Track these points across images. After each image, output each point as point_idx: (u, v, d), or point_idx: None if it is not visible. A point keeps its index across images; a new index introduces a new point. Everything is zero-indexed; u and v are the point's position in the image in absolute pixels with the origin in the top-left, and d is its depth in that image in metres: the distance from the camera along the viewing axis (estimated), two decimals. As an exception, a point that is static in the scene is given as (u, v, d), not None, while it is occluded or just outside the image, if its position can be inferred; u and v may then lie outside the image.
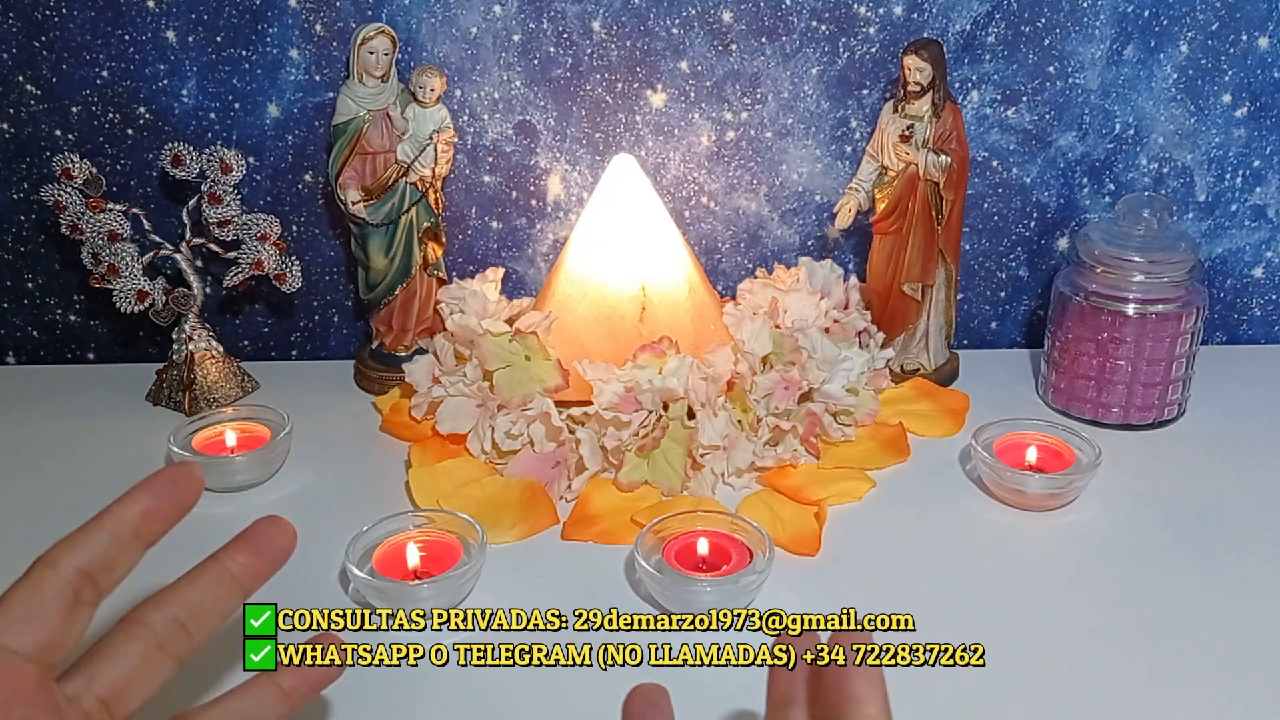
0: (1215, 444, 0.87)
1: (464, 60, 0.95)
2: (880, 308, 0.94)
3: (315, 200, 1.00)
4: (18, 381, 1.01)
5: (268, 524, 0.47)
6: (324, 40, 0.94)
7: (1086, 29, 0.94)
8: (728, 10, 0.93)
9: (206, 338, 0.94)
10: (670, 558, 0.70)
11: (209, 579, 0.44)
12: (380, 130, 0.89)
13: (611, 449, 0.80)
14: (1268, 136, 0.98)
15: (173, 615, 0.43)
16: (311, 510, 0.80)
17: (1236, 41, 0.95)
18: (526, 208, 1.00)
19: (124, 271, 0.90)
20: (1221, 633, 0.66)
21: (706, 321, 0.87)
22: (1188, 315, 0.87)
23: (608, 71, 0.95)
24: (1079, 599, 0.69)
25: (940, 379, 0.96)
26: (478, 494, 0.79)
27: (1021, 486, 0.78)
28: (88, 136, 0.97)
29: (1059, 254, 1.03)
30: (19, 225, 1.00)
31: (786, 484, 0.81)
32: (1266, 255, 1.03)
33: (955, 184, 0.89)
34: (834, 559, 0.73)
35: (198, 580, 0.44)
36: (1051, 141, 0.98)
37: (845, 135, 0.98)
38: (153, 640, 0.42)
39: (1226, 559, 0.73)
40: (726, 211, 1.01)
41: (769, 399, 0.83)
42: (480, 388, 0.83)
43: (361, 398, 0.96)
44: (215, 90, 0.95)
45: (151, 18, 0.93)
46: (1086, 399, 0.90)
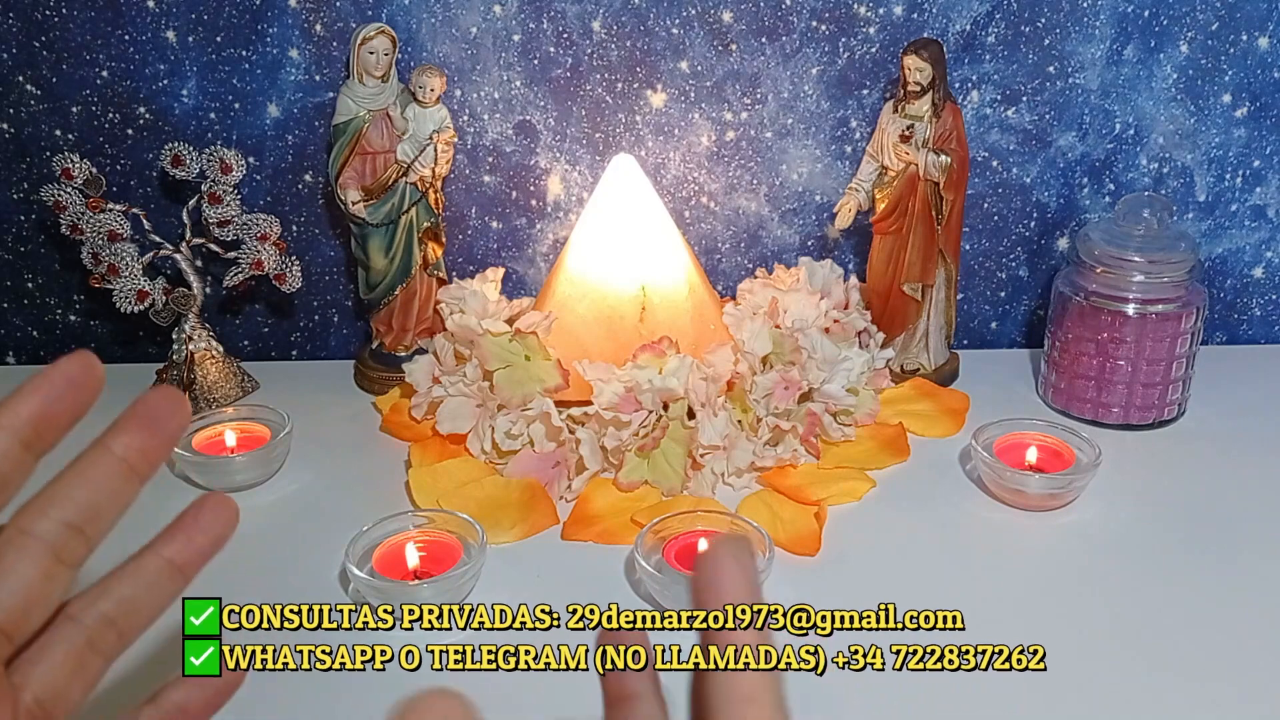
0: (1215, 444, 0.87)
1: (464, 60, 0.95)
2: (880, 308, 0.94)
3: (315, 200, 0.99)
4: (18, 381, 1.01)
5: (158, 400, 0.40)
6: (324, 40, 0.94)
7: (1086, 29, 0.94)
8: (728, 10, 0.93)
9: (206, 338, 0.94)
10: (670, 558, 0.70)
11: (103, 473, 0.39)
12: (380, 130, 0.89)
13: (611, 449, 0.80)
14: (1268, 136, 0.98)
15: (60, 518, 0.38)
16: (311, 510, 0.80)
17: (1236, 41, 0.95)
18: (526, 208, 1.00)
19: (124, 271, 0.90)
20: (1222, 632, 0.66)
21: (706, 321, 0.87)
22: (1188, 315, 0.87)
23: (608, 71, 0.95)
24: (1079, 599, 0.69)
25: (940, 379, 0.96)
26: (478, 494, 0.79)
27: (1021, 486, 0.78)
28: (88, 136, 0.97)
29: (1059, 254, 1.03)
30: (19, 225, 1.00)
31: (786, 484, 0.81)
32: (1266, 255, 1.03)
33: (955, 184, 0.89)
34: (834, 559, 0.73)
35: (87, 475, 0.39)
36: (1051, 141, 0.98)
37: (845, 135, 0.98)
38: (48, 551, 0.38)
39: (1226, 559, 0.73)
40: (726, 211, 1.01)
41: (769, 399, 0.83)
42: (480, 388, 0.83)
43: (361, 398, 0.96)
44: (215, 90, 0.95)
45: (151, 18, 0.93)
46: (1086, 399, 0.90)
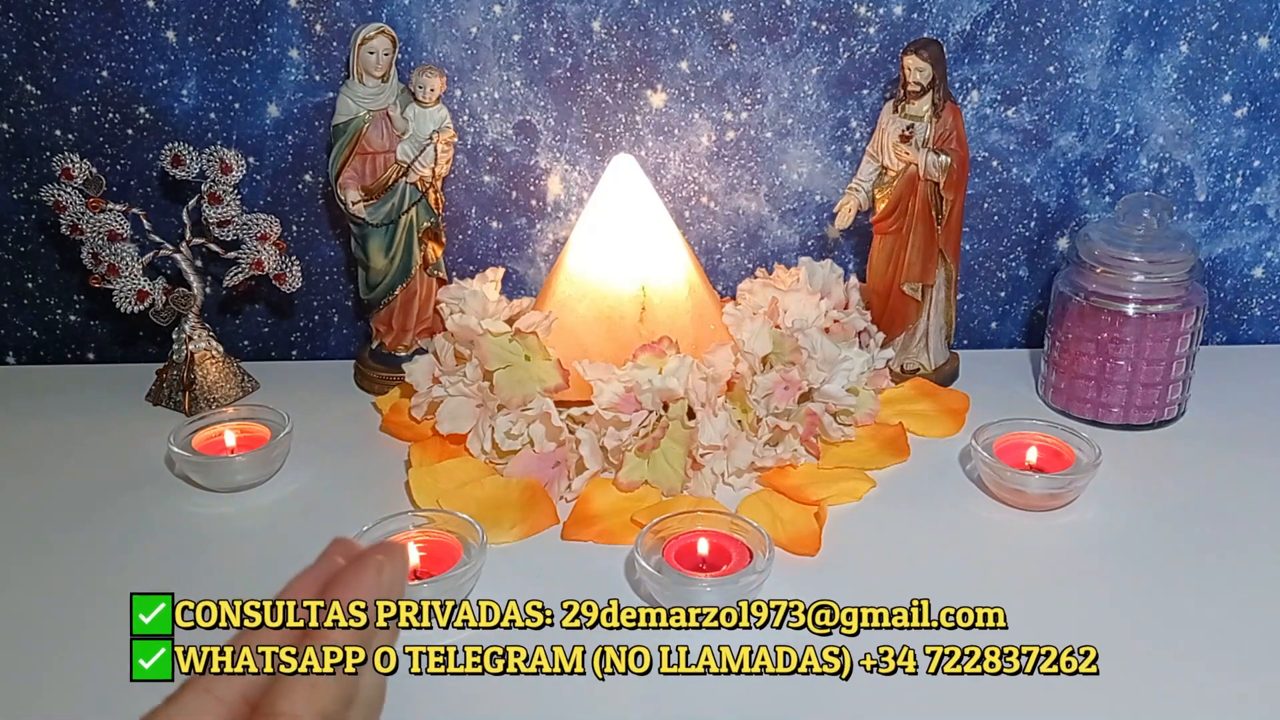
0: (1215, 444, 0.87)
1: (464, 60, 0.95)
2: (880, 308, 0.94)
3: (315, 200, 0.99)
4: (18, 381, 1.01)
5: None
6: (324, 40, 0.94)
7: (1086, 29, 0.94)
8: (728, 10, 0.93)
9: (206, 338, 0.94)
10: (670, 558, 0.70)
11: None
12: (380, 130, 0.89)
13: (611, 449, 0.80)
14: (1268, 136, 0.98)
15: None
16: (311, 510, 0.80)
17: (1236, 41, 0.95)
18: (526, 208, 1.00)
19: (124, 271, 0.90)
20: (1221, 632, 0.66)
21: (706, 321, 0.87)
22: (1188, 315, 0.87)
23: (608, 71, 0.95)
24: (1079, 599, 0.69)
25: (940, 379, 0.96)
26: (478, 494, 0.79)
27: (1021, 486, 0.78)
28: (88, 136, 0.97)
29: (1059, 254, 1.03)
30: (19, 225, 1.00)
31: (786, 484, 0.81)
32: (1266, 255, 1.03)
33: (955, 184, 0.89)
34: (834, 559, 0.73)
35: None
36: (1051, 141, 0.98)
37: (845, 135, 0.98)
38: None
39: (1226, 559, 0.73)
40: (726, 211, 1.01)
41: (769, 399, 0.83)
42: (480, 388, 0.83)
43: (361, 398, 0.96)
44: (215, 90, 0.95)
45: (151, 18, 0.93)
46: (1086, 399, 0.90)
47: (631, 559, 0.70)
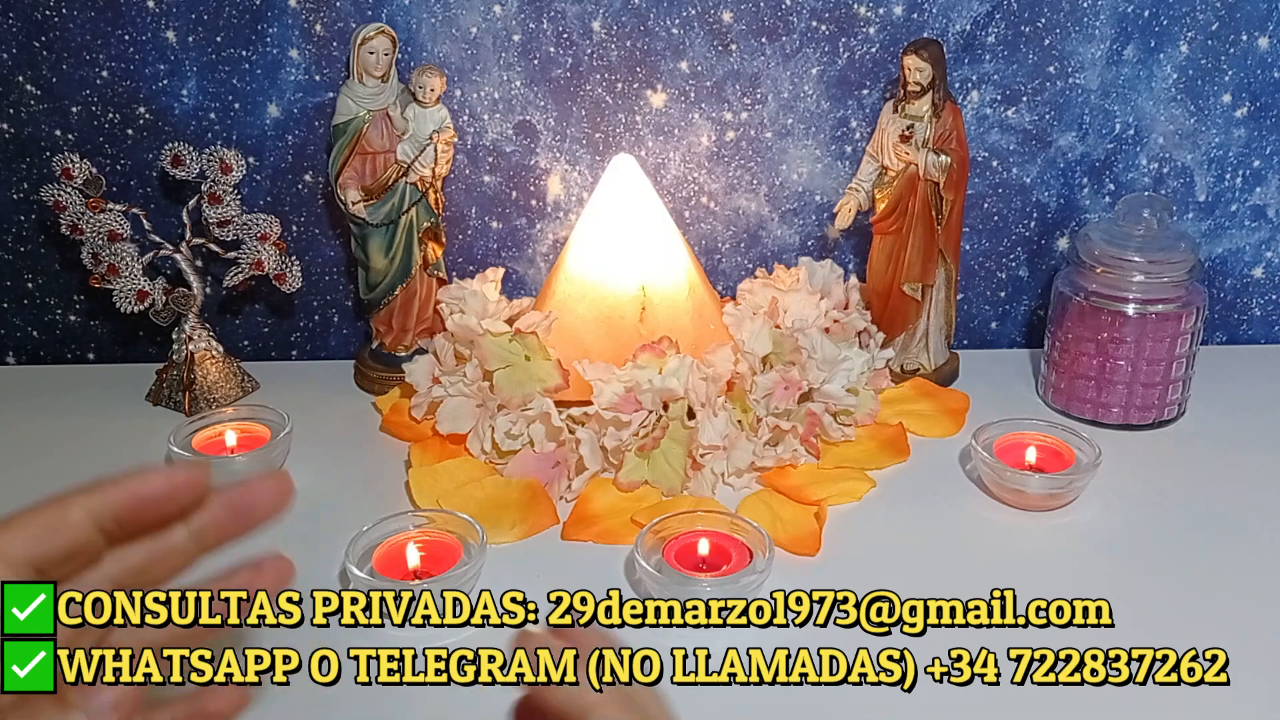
0: (1215, 444, 0.87)
1: (464, 60, 0.95)
2: (880, 308, 0.94)
3: (315, 200, 0.99)
4: (18, 381, 1.01)
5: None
6: (324, 40, 0.94)
7: (1086, 29, 0.94)
8: (728, 10, 0.93)
9: (206, 338, 0.94)
10: (670, 558, 0.70)
11: None
12: (380, 130, 0.89)
13: (611, 449, 0.80)
14: (1268, 136, 0.98)
15: None
16: (311, 510, 0.80)
17: (1236, 41, 0.95)
18: (526, 208, 1.00)
19: (124, 271, 0.90)
20: (1221, 632, 0.66)
21: (706, 321, 0.87)
22: (1188, 315, 0.87)
23: (608, 71, 0.95)
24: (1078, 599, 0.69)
25: (940, 379, 0.96)
26: (478, 494, 0.79)
27: (1021, 486, 0.78)
28: (88, 136, 0.97)
29: (1059, 254, 1.03)
30: (19, 225, 1.00)
31: (786, 484, 0.81)
32: (1266, 255, 1.03)
33: (955, 184, 0.89)
34: (834, 559, 0.73)
35: None
36: (1051, 141, 0.98)
37: (845, 135, 0.98)
38: None
39: (1226, 559, 0.73)
40: (726, 211, 1.01)
41: (769, 399, 0.83)
42: (480, 388, 0.83)
43: (361, 398, 0.96)
44: (215, 90, 0.95)
45: (151, 18, 0.93)
46: (1086, 399, 0.90)
47: (632, 559, 0.70)
